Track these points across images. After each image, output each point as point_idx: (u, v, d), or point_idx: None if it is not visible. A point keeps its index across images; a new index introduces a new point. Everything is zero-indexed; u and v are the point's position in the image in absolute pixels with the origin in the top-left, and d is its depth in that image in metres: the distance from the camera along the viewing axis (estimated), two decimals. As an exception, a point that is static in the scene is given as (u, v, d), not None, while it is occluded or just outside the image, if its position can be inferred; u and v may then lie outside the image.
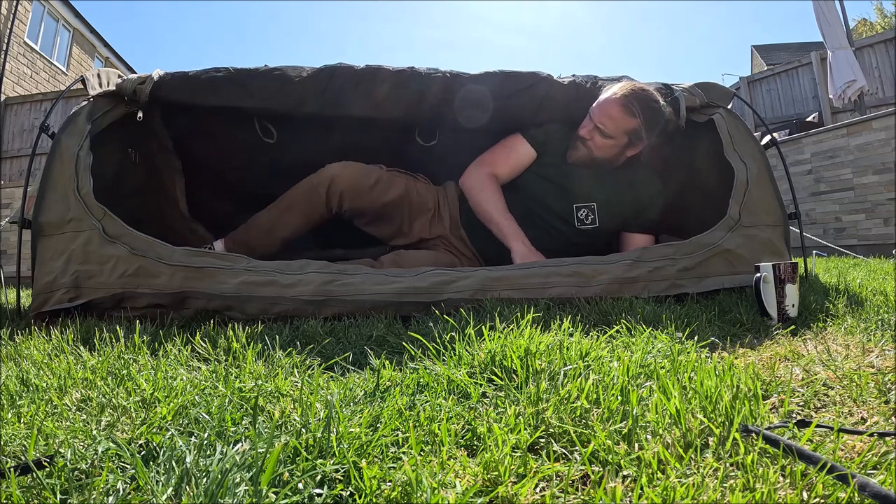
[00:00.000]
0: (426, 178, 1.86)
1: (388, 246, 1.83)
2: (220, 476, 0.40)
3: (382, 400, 0.62)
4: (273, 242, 1.68)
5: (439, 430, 0.52)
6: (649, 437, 0.51)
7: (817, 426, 0.51)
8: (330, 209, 1.66)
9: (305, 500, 0.41)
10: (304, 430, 0.50)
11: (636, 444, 0.49)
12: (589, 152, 1.62)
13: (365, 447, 0.48)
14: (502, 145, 1.72)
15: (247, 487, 0.40)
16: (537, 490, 0.44)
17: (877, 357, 0.74)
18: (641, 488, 0.42)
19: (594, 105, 1.60)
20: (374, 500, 0.42)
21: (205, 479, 0.40)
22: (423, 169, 1.93)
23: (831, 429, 0.50)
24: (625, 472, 0.45)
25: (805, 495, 0.40)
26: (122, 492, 0.41)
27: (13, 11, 7.39)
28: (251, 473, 0.41)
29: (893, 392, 0.60)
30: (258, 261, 1.31)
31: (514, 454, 0.48)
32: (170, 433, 0.52)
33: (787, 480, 0.43)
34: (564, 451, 0.51)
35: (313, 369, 0.75)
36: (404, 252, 1.70)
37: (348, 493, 0.43)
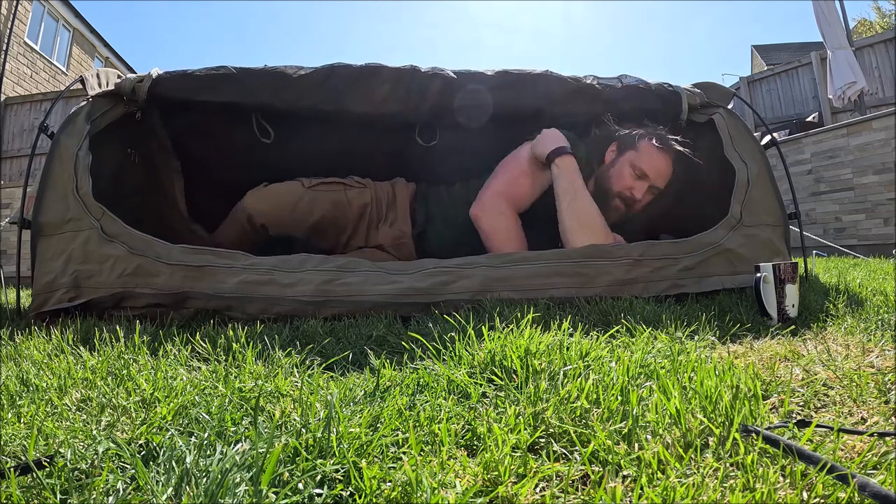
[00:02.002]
0: (361, 181, 1.78)
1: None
2: (220, 476, 0.40)
3: (382, 400, 0.62)
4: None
5: (439, 430, 0.52)
6: (649, 437, 0.51)
7: (817, 426, 0.51)
8: (260, 235, 1.66)
9: (305, 500, 0.41)
10: (304, 430, 0.50)
11: (636, 444, 0.49)
12: (629, 209, 1.59)
13: (365, 447, 0.48)
14: (525, 172, 1.56)
15: (247, 487, 0.40)
16: (537, 490, 0.44)
17: (877, 357, 0.74)
18: (641, 488, 0.42)
19: (640, 163, 1.55)
20: (374, 500, 0.42)
21: (205, 479, 0.40)
22: (424, 170, 1.93)
23: (831, 429, 0.50)
24: (625, 472, 0.45)
25: (805, 495, 0.40)
26: (122, 492, 0.41)
27: (13, 11, 7.38)
28: (251, 473, 0.41)
29: (893, 392, 0.60)
30: (257, 258, 1.31)
31: (514, 454, 0.48)
32: (170, 433, 0.52)
33: (787, 480, 0.43)
34: (564, 451, 0.51)
35: (313, 369, 0.74)
36: None
37: (348, 493, 0.43)
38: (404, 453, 0.49)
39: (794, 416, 0.58)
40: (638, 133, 1.56)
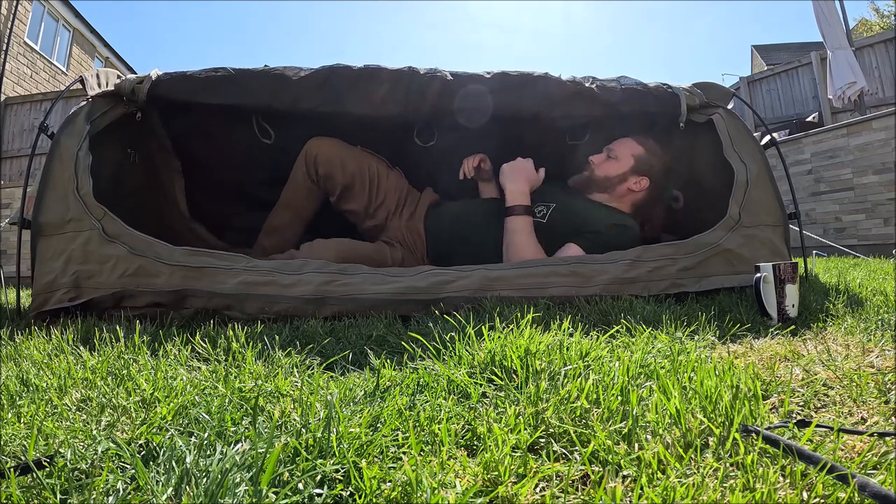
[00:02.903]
0: (401, 174, 1.91)
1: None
2: (220, 476, 0.40)
3: (382, 400, 0.62)
4: (277, 239, 1.79)
5: (439, 430, 0.52)
6: (649, 437, 0.51)
7: (817, 426, 0.51)
8: (311, 178, 1.76)
9: (305, 500, 0.41)
10: (304, 430, 0.50)
11: (636, 444, 0.49)
12: (590, 174, 1.71)
13: (365, 447, 0.48)
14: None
15: (247, 487, 0.40)
16: (537, 490, 0.44)
17: (877, 357, 0.74)
18: (641, 488, 0.42)
19: (613, 148, 1.72)
20: (374, 500, 0.42)
21: (205, 479, 0.40)
22: (423, 170, 1.94)
23: (831, 429, 0.50)
24: (625, 472, 0.45)
25: (805, 495, 0.40)
26: (122, 492, 0.41)
27: (13, 11, 7.38)
28: (251, 473, 0.41)
29: (893, 392, 0.60)
30: (257, 260, 1.32)
31: (514, 454, 0.48)
32: (170, 433, 0.52)
33: (787, 480, 0.43)
34: (564, 451, 0.51)
35: (313, 369, 0.74)
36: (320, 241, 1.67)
37: (348, 493, 0.43)
38: (404, 453, 0.49)
39: (794, 416, 0.58)
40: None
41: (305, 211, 1.83)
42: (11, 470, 0.42)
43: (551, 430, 0.53)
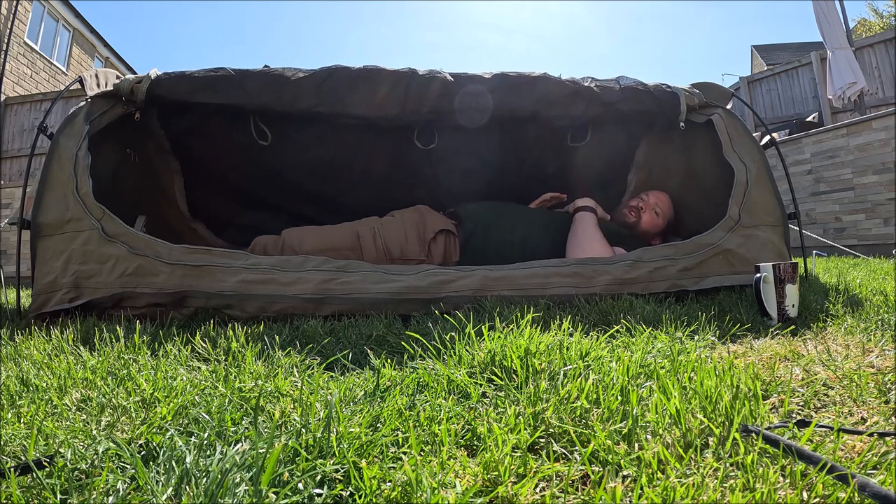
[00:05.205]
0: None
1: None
2: (220, 476, 0.40)
3: (382, 400, 0.62)
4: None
5: (439, 430, 0.52)
6: (649, 437, 0.51)
7: (817, 426, 0.51)
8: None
9: (305, 500, 0.41)
10: (304, 430, 0.50)
11: (636, 444, 0.49)
12: (636, 223, 1.81)
13: (365, 447, 0.48)
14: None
15: (247, 487, 0.40)
16: (537, 490, 0.44)
17: (877, 357, 0.74)
18: (641, 488, 0.42)
19: (648, 194, 1.84)
20: (374, 500, 0.42)
21: (205, 479, 0.40)
22: (423, 172, 1.94)
23: (831, 429, 0.50)
24: (625, 472, 0.45)
25: (805, 495, 0.40)
26: (122, 492, 0.41)
27: (13, 11, 7.37)
28: (251, 473, 0.41)
29: (893, 392, 0.60)
30: (258, 257, 1.31)
31: (514, 454, 0.48)
32: (170, 433, 0.52)
33: (787, 480, 0.43)
34: (564, 451, 0.50)
35: (313, 369, 0.74)
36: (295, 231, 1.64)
37: (348, 493, 0.43)
38: (404, 453, 0.49)
39: (794, 416, 0.58)
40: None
41: None
42: (11, 470, 0.42)
43: (551, 430, 0.53)
